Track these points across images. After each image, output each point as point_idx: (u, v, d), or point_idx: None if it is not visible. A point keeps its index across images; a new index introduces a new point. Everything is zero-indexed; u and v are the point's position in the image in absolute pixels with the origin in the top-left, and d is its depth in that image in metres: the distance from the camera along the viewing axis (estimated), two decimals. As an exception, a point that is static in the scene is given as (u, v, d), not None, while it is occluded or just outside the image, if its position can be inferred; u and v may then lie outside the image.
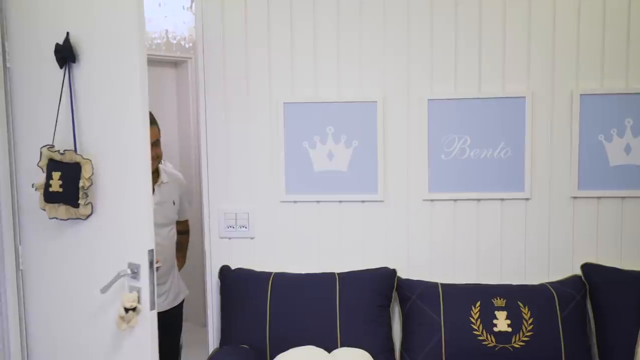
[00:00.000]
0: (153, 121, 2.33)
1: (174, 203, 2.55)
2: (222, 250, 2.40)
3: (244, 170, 2.37)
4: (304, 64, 2.32)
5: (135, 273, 1.80)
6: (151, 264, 1.80)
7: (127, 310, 1.83)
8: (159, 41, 3.36)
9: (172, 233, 2.57)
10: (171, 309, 2.58)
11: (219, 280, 2.35)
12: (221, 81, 2.35)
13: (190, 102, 4.34)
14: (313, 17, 2.29)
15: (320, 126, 2.32)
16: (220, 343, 2.29)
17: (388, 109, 2.30)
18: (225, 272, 2.33)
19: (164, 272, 2.49)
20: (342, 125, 2.31)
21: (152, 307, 1.82)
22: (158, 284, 2.36)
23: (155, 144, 2.39)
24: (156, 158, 2.42)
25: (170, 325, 2.55)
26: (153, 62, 4.27)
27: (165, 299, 2.54)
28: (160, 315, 2.21)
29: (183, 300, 2.69)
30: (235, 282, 2.29)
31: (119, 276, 1.79)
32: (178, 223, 2.69)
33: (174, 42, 3.39)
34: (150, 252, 1.79)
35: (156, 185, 2.45)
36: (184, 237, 2.82)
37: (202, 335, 2.51)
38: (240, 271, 2.32)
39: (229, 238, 2.39)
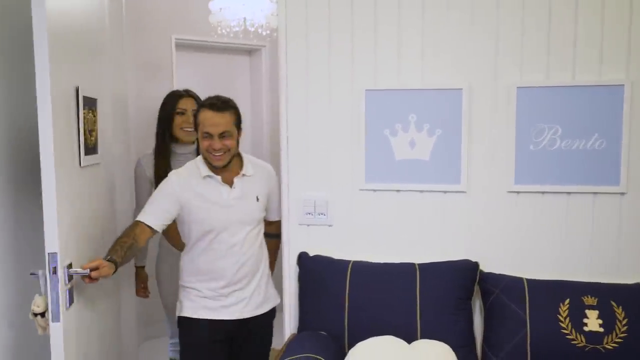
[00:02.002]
0: (223, 108, 2.21)
1: (257, 199, 2.31)
2: (300, 237, 2.46)
3: (324, 158, 2.41)
4: (387, 51, 2.33)
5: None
6: (54, 269, 1.77)
7: (36, 314, 1.85)
8: (237, 29, 3.45)
9: (253, 234, 2.31)
10: (255, 317, 2.34)
11: (297, 266, 2.41)
12: (303, 68, 2.40)
13: (264, 91, 4.44)
14: (398, 3, 2.30)
15: (403, 114, 2.33)
16: (298, 329, 2.35)
17: (474, 97, 2.28)
18: (303, 259, 2.39)
19: (243, 276, 2.28)
20: (425, 113, 2.31)
21: (55, 318, 1.78)
22: (235, 290, 2.28)
23: (225, 135, 2.19)
24: (227, 151, 2.20)
25: (255, 335, 2.38)
26: (226, 50, 4.40)
27: (246, 306, 2.31)
28: (242, 323, 2.31)
29: (274, 310, 2.44)
30: (313, 269, 2.35)
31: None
32: (268, 224, 2.47)
33: (252, 29, 3.47)
34: (52, 255, 1.77)
35: (237, 177, 2.27)
36: (272, 241, 2.51)
37: (276, 321, 2.54)
38: (318, 258, 2.37)
39: (308, 225, 2.45)
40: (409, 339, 2.14)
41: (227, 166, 2.25)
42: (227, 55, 4.45)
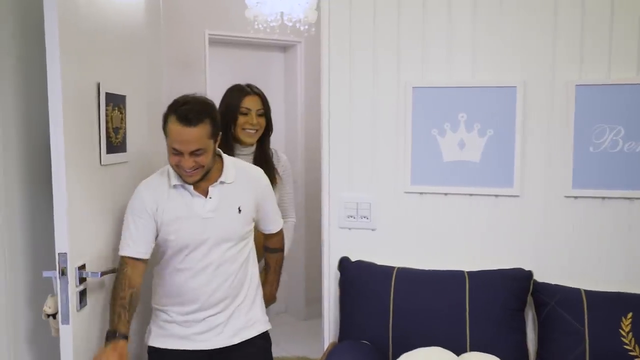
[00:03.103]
0: (196, 121, 1.94)
1: (239, 210, 2.04)
2: (341, 241, 2.41)
3: (367, 158, 2.36)
4: (436, 45, 2.27)
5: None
6: (64, 270, 1.77)
7: (48, 315, 1.89)
8: (274, 24, 3.43)
9: (234, 251, 2.05)
10: (235, 347, 2.09)
11: (338, 272, 2.37)
12: (346, 63, 2.36)
13: (299, 88, 4.41)
14: (448, -5, 2.24)
15: (452, 113, 2.27)
16: (339, 337, 2.31)
17: (528, 95, 2.20)
18: (345, 264, 2.34)
19: (219, 299, 2.05)
20: (476, 112, 2.25)
21: (64, 320, 1.78)
22: (210, 315, 2.05)
23: (198, 152, 1.95)
24: (200, 167, 1.96)
25: None
26: (260, 46, 4.39)
27: (220, 333, 2.07)
28: (219, 355, 2.07)
29: (263, 339, 2.17)
30: (355, 274, 2.30)
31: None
32: (267, 238, 2.32)
33: (290, 24, 3.45)
34: (61, 255, 1.76)
35: (212, 186, 2.01)
36: (274, 256, 2.38)
37: (307, 328, 2.50)
38: (360, 264, 2.32)
39: (349, 228, 2.40)
40: (458, 351, 2.08)
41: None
42: (261, 52, 4.44)
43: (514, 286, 2.17)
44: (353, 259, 2.36)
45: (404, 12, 2.28)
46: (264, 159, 2.55)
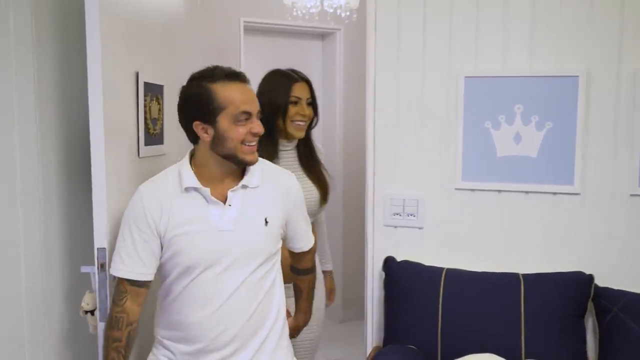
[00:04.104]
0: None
1: (266, 222, 1.72)
2: (386, 240, 2.36)
3: (415, 152, 2.30)
4: (490, 32, 2.20)
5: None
6: (103, 265, 1.74)
7: (86, 312, 1.85)
8: (313, 10, 3.38)
9: (258, 275, 1.71)
10: None
11: (383, 272, 2.32)
12: (393, 52, 2.30)
13: (337, 78, 4.36)
14: (505, -22, 2.16)
15: (507, 104, 2.19)
16: (383, 341, 2.26)
17: (592, 85, 2.11)
18: (390, 264, 2.29)
19: (230, 339, 1.68)
20: (533, 103, 2.16)
21: (102, 317, 1.74)
22: (228, 355, 1.70)
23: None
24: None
25: None
26: (297, 34, 4.35)
27: None
28: None
29: None
30: (401, 275, 2.25)
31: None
32: (297, 258, 2.00)
33: (330, 11, 3.39)
34: (100, 250, 1.74)
35: (232, 190, 1.70)
36: (305, 278, 2.05)
37: (344, 331, 2.44)
38: (407, 264, 2.27)
39: (395, 227, 2.35)
40: (512, 358, 2.02)
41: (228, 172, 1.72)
42: (297, 40, 4.40)
43: (573, 291, 2.09)
44: (399, 258, 2.31)
45: (456, -3, 2.22)
46: (309, 154, 2.33)
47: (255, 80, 2.59)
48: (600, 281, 2.12)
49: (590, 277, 2.11)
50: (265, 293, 1.73)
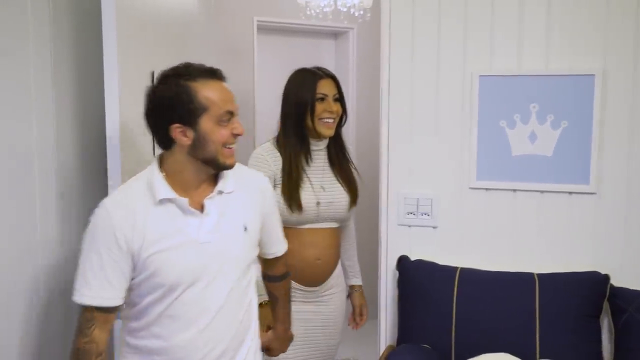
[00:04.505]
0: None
1: (245, 229, 1.63)
2: (400, 239, 2.37)
3: (429, 151, 2.31)
4: (505, 31, 2.20)
5: None
6: None
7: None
8: (327, 9, 3.40)
9: (242, 286, 1.64)
10: None
11: (397, 271, 2.33)
12: (408, 51, 2.31)
13: (350, 77, 4.37)
14: (520, -24, 2.16)
15: (522, 103, 2.19)
16: (397, 340, 2.27)
17: (609, 84, 2.11)
18: (404, 263, 2.31)
19: (219, 355, 1.60)
20: (548, 102, 2.17)
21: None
22: None
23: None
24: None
25: None
26: (311, 33, 4.36)
27: None
28: None
29: None
30: (415, 274, 2.26)
31: None
32: (270, 264, 1.90)
33: (344, 10, 3.41)
34: None
35: (208, 198, 1.57)
36: (281, 285, 1.94)
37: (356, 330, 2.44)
38: (421, 263, 2.28)
39: (409, 226, 2.36)
40: (526, 358, 2.02)
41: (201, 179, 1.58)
42: (310, 39, 4.42)
43: (589, 291, 2.09)
44: (412, 257, 2.32)
45: (471, -5, 2.22)
46: (340, 153, 2.31)
47: (268, 79, 2.60)
48: (615, 281, 2.12)
49: (606, 277, 2.11)
50: (249, 302, 1.68)
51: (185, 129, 1.49)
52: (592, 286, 2.10)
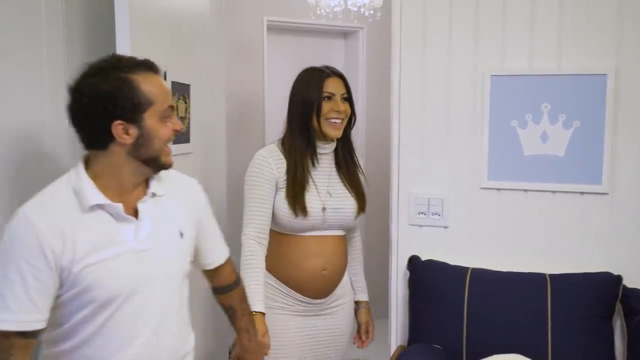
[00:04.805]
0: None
1: (181, 235, 1.51)
2: (410, 239, 2.38)
3: (440, 152, 2.31)
4: (516, 30, 2.20)
5: None
6: None
7: None
8: (337, 9, 3.40)
9: (177, 298, 1.53)
10: None
11: (407, 271, 2.33)
12: (419, 50, 2.31)
13: (360, 77, 4.37)
14: (532, -25, 2.16)
15: (534, 103, 2.19)
16: (408, 340, 2.27)
17: (621, 84, 2.10)
18: (415, 263, 2.31)
19: None
20: (560, 102, 2.16)
21: None
22: None
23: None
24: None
25: None
26: (320, 32, 4.37)
27: None
28: None
29: None
30: (426, 274, 2.26)
31: None
32: (214, 274, 1.74)
33: (354, 9, 3.41)
34: None
35: (141, 202, 1.44)
36: (234, 294, 1.78)
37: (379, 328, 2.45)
38: (431, 263, 2.28)
39: (420, 226, 2.36)
40: (538, 359, 2.01)
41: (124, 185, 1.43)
42: (320, 39, 4.42)
43: (601, 292, 2.09)
44: (423, 258, 2.32)
45: (482, -5, 2.22)
46: (349, 157, 2.20)
47: (277, 78, 2.61)
48: (628, 282, 2.11)
49: (619, 278, 2.10)
50: (186, 314, 1.58)
51: (128, 126, 1.35)
52: (605, 287, 2.09)
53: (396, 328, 2.41)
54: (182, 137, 2.23)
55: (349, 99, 2.16)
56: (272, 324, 2.04)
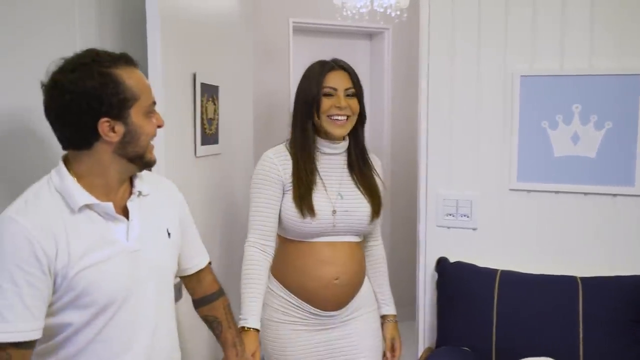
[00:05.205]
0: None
1: (169, 234, 1.49)
2: (438, 240, 2.37)
3: (469, 152, 2.30)
4: (547, 29, 2.18)
5: None
6: None
7: None
8: (363, 10, 3.40)
9: (169, 300, 1.52)
10: None
11: (435, 273, 2.32)
12: (447, 51, 2.31)
13: (385, 77, 4.37)
14: (563, -26, 2.14)
15: (565, 104, 2.17)
16: (436, 342, 2.27)
17: (655, 84, 2.07)
18: (443, 265, 2.30)
19: None
20: (592, 102, 2.14)
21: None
22: None
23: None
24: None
25: None
26: (346, 33, 4.37)
27: None
28: None
29: None
30: (454, 276, 2.26)
31: None
32: (193, 282, 1.66)
33: (380, 10, 3.41)
34: None
35: (130, 201, 1.41)
36: (217, 304, 1.69)
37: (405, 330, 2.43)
38: (460, 265, 2.27)
39: (448, 227, 2.35)
40: (569, 363, 2.00)
41: (113, 185, 1.38)
42: (345, 40, 4.43)
43: (634, 295, 2.06)
44: (451, 259, 2.31)
45: (512, -6, 2.21)
46: (361, 159, 2.02)
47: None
48: (662, 285, 2.08)
49: (652, 282, 2.07)
50: (174, 316, 1.53)
51: (114, 123, 1.30)
52: (637, 291, 2.06)
53: (424, 330, 2.41)
54: (211, 138, 2.25)
55: (356, 94, 1.95)
56: (282, 339, 1.94)
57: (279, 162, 1.94)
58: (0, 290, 1.20)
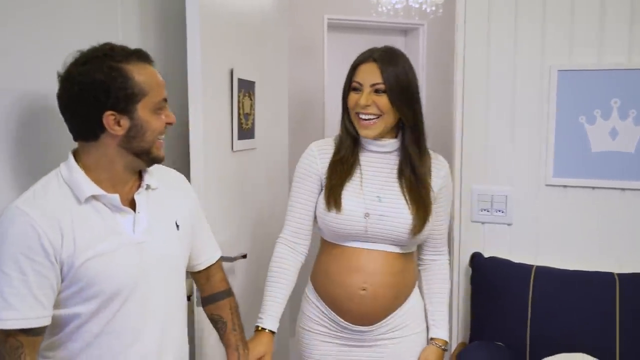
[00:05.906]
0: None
1: (177, 227, 1.49)
2: (473, 235, 2.37)
3: (505, 147, 2.30)
4: (585, 23, 2.17)
5: None
6: None
7: None
8: (398, 6, 3.41)
9: (181, 292, 1.53)
10: None
11: (470, 268, 2.33)
12: (484, 44, 2.30)
13: (420, 72, 4.36)
14: (602, -33, 2.12)
15: (603, 98, 2.15)
16: (470, 337, 2.27)
17: (697, 78, 2.04)
18: (477, 260, 2.30)
19: None
20: (631, 97, 2.12)
21: (198, 302, 1.67)
22: None
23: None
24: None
25: None
26: (380, 30, 4.38)
27: None
28: None
29: None
30: (489, 272, 2.26)
31: None
32: (205, 278, 1.66)
33: (415, 6, 3.41)
34: None
35: (137, 194, 1.42)
36: (226, 302, 1.67)
37: None
38: (495, 260, 2.27)
39: (482, 223, 2.35)
40: (605, 359, 1.98)
41: (126, 176, 1.41)
42: (380, 36, 4.43)
43: (674, 292, 2.03)
44: (486, 255, 2.31)
45: (549, -12, 2.20)
46: (411, 171, 1.76)
47: (337, 76, 2.63)
48: (703, 283, 2.05)
49: (693, 279, 2.04)
50: (186, 311, 1.54)
51: (120, 117, 1.32)
52: (677, 287, 2.04)
53: (457, 324, 2.41)
54: (247, 132, 2.30)
55: (388, 91, 1.70)
56: (311, 351, 1.84)
57: (318, 154, 1.81)
58: (8, 279, 1.22)
